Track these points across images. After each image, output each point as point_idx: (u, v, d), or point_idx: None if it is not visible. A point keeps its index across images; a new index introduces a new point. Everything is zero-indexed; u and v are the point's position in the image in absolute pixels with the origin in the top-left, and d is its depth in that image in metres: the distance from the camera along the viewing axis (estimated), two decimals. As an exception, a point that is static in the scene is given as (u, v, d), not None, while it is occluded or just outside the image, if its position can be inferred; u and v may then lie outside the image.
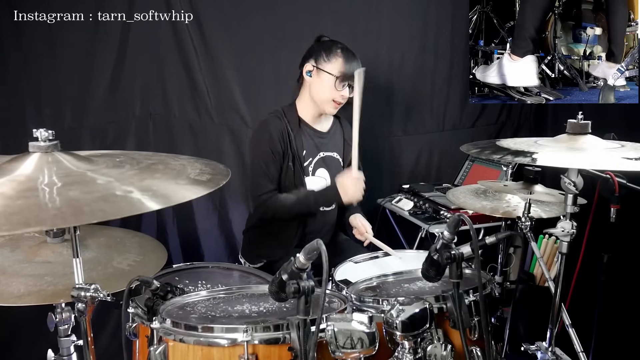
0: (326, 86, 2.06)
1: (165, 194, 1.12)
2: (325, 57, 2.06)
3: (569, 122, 1.59)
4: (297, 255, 1.13)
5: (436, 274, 1.36)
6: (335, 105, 2.09)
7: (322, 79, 2.07)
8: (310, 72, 2.10)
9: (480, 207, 2.09)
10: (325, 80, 2.06)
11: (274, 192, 2.09)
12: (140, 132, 2.64)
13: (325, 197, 2.11)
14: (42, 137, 1.17)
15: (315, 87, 2.10)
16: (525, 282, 2.53)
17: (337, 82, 2.04)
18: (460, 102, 3.05)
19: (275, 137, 2.06)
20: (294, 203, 2.06)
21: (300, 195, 2.09)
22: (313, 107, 2.15)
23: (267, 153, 2.06)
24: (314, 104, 2.13)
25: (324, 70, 2.06)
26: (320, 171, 2.18)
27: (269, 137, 2.06)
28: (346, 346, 1.24)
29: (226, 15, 2.61)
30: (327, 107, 2.10)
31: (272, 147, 2.06)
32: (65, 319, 1.26)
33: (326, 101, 2.09)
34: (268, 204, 2.07)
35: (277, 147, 2.06)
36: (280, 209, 2.07)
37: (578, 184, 1.50)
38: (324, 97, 2.08)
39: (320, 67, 2.06)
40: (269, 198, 2.07)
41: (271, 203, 2.07)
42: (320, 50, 2.09)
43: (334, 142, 2.24)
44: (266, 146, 2.06)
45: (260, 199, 2.07)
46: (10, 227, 0.96)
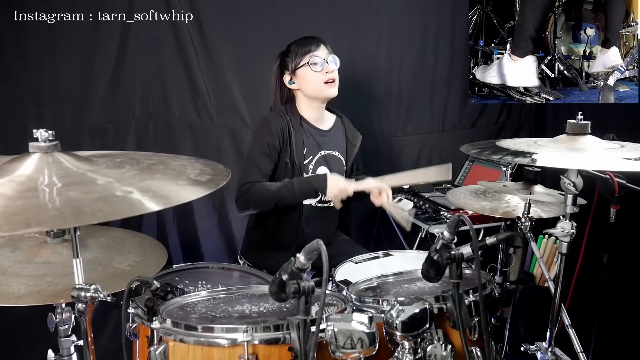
0: (310, 77, 2.10)
1: (165, 195, 1.12)
2: (292, 59, 2.12)
3: (568, 122, 1.59)
4: (297, 256, 1.12)
5: (436, 274, 1.36)
6: (330, 85, 2.11)
7: (304, 76, 2.10)
8: (291, 81, 2.14)
9: (480, 207, 2.09)
10: (307, 74, 2.10)
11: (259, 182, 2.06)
12: (140, 132, 2.64)
13: (310, 183, 2.05)
14: (42, 137, 1.17)
15: (303, 86, 2.13)
16: (525, 282, 2.53)
17: (317, 65, 2.08)
18: (460, 102, 3.05)
19: (274, 133, 2.07)
20: (277, 188, 2.03)
21: (284, 181, 2.07)
22: (312, 106, 2.16)
23: (264, 146, 2.07)
24: (314, 100, 2.15)
25: (298, 68, 2.10)
26: (320, 169, 2.18)
27: (268, 132, 2.08)
28: (346, 346, 1.24)
29: (226, 15, 2.61)
30: (326, 92, 2.12)
31: (269, 142, 2.07)
32: (65, 319, 1.27)
33: (321, 88, 2.11)
34: (249, 193, 2.03)
35: (275, 143, 2.07)
36: (262, 196, 2.03)
37: (578, 185, 1.50)
38: (315, 86, 2.11)
39: (295, 70, 2.11)
40: (252, 186, 2.03)
41: (253, 191, 2.03)
42: (285, 58, 2.15)
43: (336, 141, 2.25)
44: (264, 140, 2.07)
45: (243, 188, 2.04)
46: (10, 228, 0.96)
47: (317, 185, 2.04)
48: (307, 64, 2.08)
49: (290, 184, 2.05)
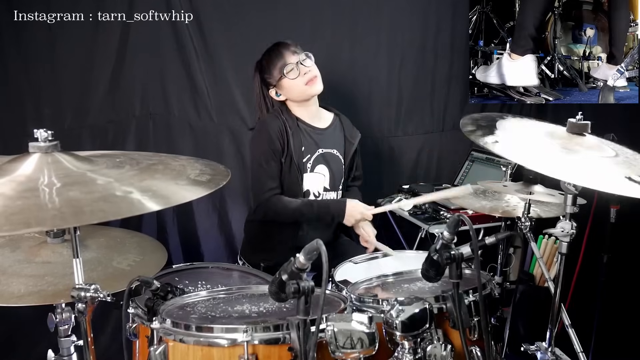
0: (292, 85, 2.11)
1: (165, 195, 1.12)
2: (269, 74, 2.13)
3: (569, 121, 1.58)
4: (297, 256, 1.12)
5: (436, 274, 1.36)
6: (312, 83, 2.11)
7: (286, 86, 2.12)
8: (278, 93, 2.15)
9: (480, 207, 2.09)
10: (287, 84, 2.11)
11: (277, 191, 2.09)
12: (140, 132, 2.64)
13: (328, 208, 2.11)
14: (42, 137, 1.17)
15: (289, 95, 2.14)
16: (525, 282, 2.53)
17: (292, 72, 2.09)
18: (460, 102, 3.05)
19: (273, 135, 2.08)
20: (298, 206, 2.08)
21: (305, 200, 2.12)
22: (304, 107, 2.17)
23: (267, 151, 2.08)
24: (303, 102, 2.16)
25: (279, 79, 2.11)
26: (319, 167, 2.18)
27: (267, 136, 2.08)
28: (346, 346, 1.24)
29: (226, 15, 2.61)
30: (310, 91, 2.13)
31: (271, 145, 2.08)
32: (65, 319, 1.27)
33: (304, 90, 2.12)
34: (269, 204, 2.08)
35: (276, 145, 2.08)
36: (283, 211, 2.08)
37: (578, 185, 1.49)
38: (299, 89, 2.11)
39: (278, 81, 2.12)
40: (271, 197, 2.07)
41: (273, 204, 2.07)
42: (263, 75, 2.16)
43: (334, 139, 2.25)
44: (265, 145, 2.08)
45: (262, 198, 2.08)
46: (10, 228, 0.96)
47: (335, 212, 2.10)
48: (283, 75, 2.09)
49: (310, 206, 2.10)
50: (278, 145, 2.08)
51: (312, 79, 2.11)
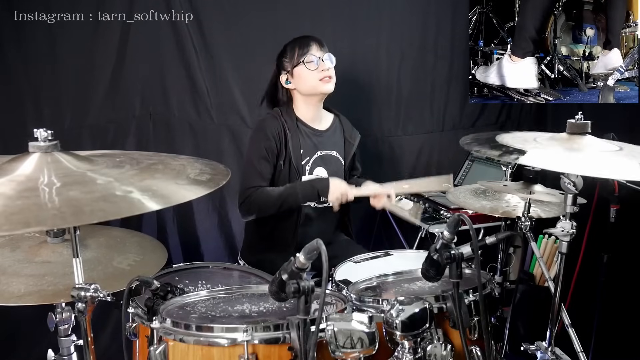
0: (306, 76, 2.10)
1: (165, 194, 1.12)
2: (289, 59, 2.12)
3: (568, 122, 1.59)
4: (297, 255, 1.13)
5: (436, 274, 1.36)
6: (326, 80, 2.11)
7: (300, 75, 2.11)
8: (288, 80, 2.15)
9: (480, 207, 2.10)
10: (303, 72, 2.10)
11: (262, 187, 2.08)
12: (140, 132, 2.64)
13: (312, 186, 2.07)
14: (41, 137, 1.17)
15: (300, 85, 2.13)
16: (525, 282, 2.53)
17: (312, 64, 2.08)
18: (460, 102, 3.05)
19: (270, 136, 2.08)
20: (280, 193, 2.06)
21: (286, 185, 2.09)
22: (309, 105, 2.16)
23: (262, 151, 2.08)
24: (311, 98, 2.15)
25: (295, 67, 2.10)
26: (318, 170, 2.18)
27: (264, 136, 2.09)
28: (346, 346, 1.24)
29: (226, 15, 2.61)
30: (322, 88, 2.12)
31: (266, 145, 2.08)
32: (65, 318, 1.26)
33: (316, 85, 2.11)
34: (252, 199, 2.05)
35: (272, 146, 2.08)
36: (265, 201, 2.05)
37: (578, 184, 1.49)
38: (312, 83, 2.11)
39: (292, 68, 2.11)
40: (254, 192, 2.05)
41: (256, 197, 2.05)
42: (282, 59, 2.15)
43: (334, 141, 2.25)
44: (261, 144, 2.08)
45: (246, 193, 2.06)
46: (10, 227, 0.96)
47: (319, 188, 2.05)
48: (303, 62, 2.09)
49: (292, 188, 2.07)
50: (274, 146, 2.08)
51: (328, 77, 2.11)
